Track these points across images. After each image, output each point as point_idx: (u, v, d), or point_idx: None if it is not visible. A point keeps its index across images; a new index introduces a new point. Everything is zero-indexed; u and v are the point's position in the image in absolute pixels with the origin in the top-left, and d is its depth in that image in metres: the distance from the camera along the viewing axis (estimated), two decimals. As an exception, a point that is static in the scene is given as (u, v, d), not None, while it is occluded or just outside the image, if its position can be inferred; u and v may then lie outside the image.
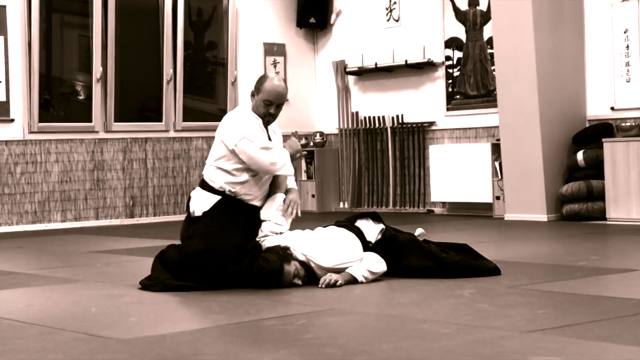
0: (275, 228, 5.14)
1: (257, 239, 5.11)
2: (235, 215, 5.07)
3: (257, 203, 5.17)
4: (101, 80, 10.18)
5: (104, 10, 10.15)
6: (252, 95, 5.23)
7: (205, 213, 5.08)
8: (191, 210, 5.14)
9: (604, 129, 8.99)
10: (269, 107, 5.17)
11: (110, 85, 10.22)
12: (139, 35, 10.66)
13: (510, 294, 4.61)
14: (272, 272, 4.88)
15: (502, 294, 4.61)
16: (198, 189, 5.21)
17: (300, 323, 3.97)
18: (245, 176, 5.10)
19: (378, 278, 5.09)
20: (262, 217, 5.15)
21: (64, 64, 10.21)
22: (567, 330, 3.64)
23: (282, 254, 4.94)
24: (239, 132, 5.07)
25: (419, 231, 5.54)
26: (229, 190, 5.10)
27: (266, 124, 5.22)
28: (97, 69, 10.14)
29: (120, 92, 10.34)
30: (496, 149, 9.64)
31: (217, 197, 5.09)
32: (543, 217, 9.03)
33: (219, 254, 4.96)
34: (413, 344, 3.49)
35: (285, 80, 5.36)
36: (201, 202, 5.12)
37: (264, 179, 5.19)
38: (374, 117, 11.12)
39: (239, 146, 5.05)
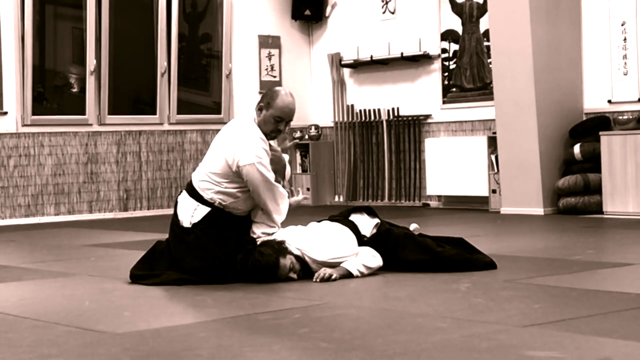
0: (267, 230, 5.09)
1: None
2: (226, 227, 5.00)
3: (244, 214, 5.10)
4: (95, 72, 10.14)
5: (98, 2, 10.10)
6: (260, 109, 5.04)
7: (194, 225, 5.00)
8: (179, 218, 5.05)
9: (601, 122, 8.97)
10: (279, 123, 5.02)
11: (104, 77, 10.18)
12: (133, 27, 10.61)
13: (506, 288, 4.59)
14: (268, 265, 4.85)
15: (498, 288, 4.59)
16: (185, 195, 5.07)
17: (295, 317, 3.95)
18: (239, 194, 5.00)
19: (373, 272, 5.06)
20: (253, 219, 5.10)
21: (58, 56, 10.16)
22: (563, 325, 3.62)
23: (278, 247, 4.92)
24: (247, 156, 4.90)
25: (413, 226, 5.51)
26: (219, 203, 5.01)
27: (270, 138, 5.09)
28: (90, 62, 10.09)
29: (114, 84, 10.30)
30: (492, 142, 9.62)
31: (206, 209, 4.99)
32: (539, 211, 9.01)
33: (217, 269, 4.93)
34: (408, 338, 3.47)
35: (292, 94, 5.17)
36: (189, 212, 5.01)
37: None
38: (369, 110, 11.09)
39: (244, 170, 4.91)
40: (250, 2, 11.38)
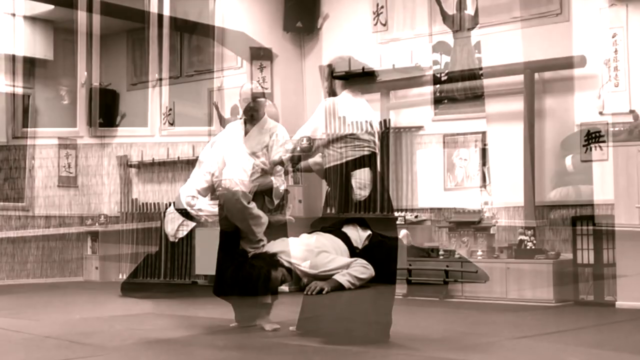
0: (255, 245, 5.05)
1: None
2: (213, 242, 4.98)
3: (231, 230, 5.06)
4: (86, 85, 10.11)
5: (89, 14, 10.07)
6: (244, 123, 4.92)
7: (180, 240, 4.98)
8: (166, 232, 5.05)
9: (593, 134, 8.97)
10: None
11: (95, 90, 10.15)
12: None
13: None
14: (259, 278, 4.82)
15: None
16: (173, 211, 5.07)
17: (287, 330, 3.93)
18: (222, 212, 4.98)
19: (365, 284, 5.03)
20: (241, 234, 5.07)
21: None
22: (555, 337, 3.61)
23: (269, 260, 4.89)
24: (224, 173, 4.87)
25: (402, 232, 5.49)
26: (205, 220, 4.99)
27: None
28: (81, 74, 10.07)
29: (105, 96, 10.26)
30: (484, 155, 9.60)
31: (192, 224, 4.98)
32: (531, 223, 8.98)
33: (207, 282, 4.92)
34: (402, 350, 3.45)
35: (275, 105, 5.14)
36: (174, 227, 5.01)
37: None
38: (361, 122, 11.05)
39: (217, 185, 4.87)
40: (242, 14, 11.37)
